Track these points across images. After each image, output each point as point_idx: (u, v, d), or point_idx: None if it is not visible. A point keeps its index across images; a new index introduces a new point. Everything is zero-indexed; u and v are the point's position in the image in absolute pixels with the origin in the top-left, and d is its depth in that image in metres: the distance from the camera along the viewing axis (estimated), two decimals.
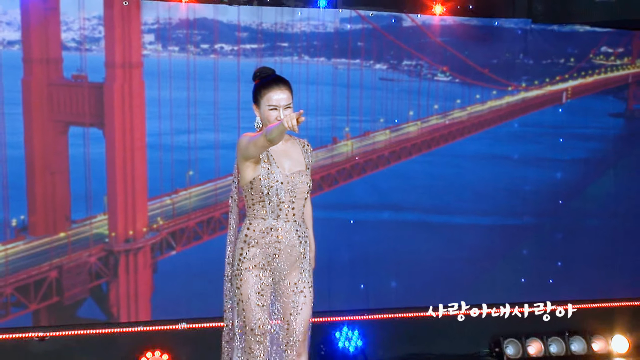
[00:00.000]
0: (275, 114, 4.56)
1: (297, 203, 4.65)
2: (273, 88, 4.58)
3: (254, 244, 4.62)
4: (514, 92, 7.68)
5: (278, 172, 4.57)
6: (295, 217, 4.65)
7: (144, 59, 6.70)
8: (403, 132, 7.44)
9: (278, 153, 4.66)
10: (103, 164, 6.68)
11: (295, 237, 4.66)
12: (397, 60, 7.38)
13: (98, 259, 6.71)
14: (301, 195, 4.65)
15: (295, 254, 4.70)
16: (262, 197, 4.58)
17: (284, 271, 4.67)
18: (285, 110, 4.59)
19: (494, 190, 7.60)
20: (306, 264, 4.75)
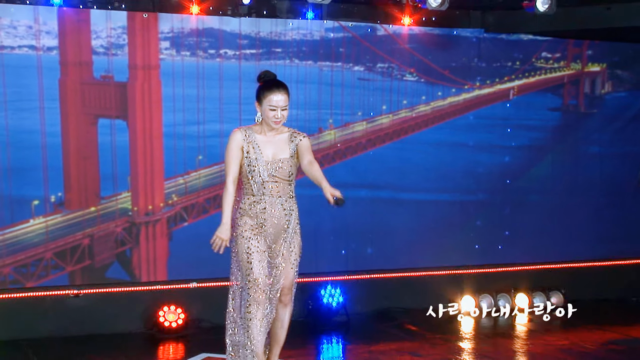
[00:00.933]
0: (273, 113, 4.71)
1: (281, 183, 4.75)
2: (274, 91, 4.71)
3: (245, 214, 4.77)
4: (470, 90, 7.75)
5: (261, 158, 4.71)
6: (280, 194, 4.76)
7: (160, 62, 6.72)
8: (377, 123, 7.44)
9: (263, 143, 4.77)
10: (127, 150, 6.69)
11: (280, 210, 4.77)
12: (372, 64, 7.44)
13: (123, 229, 6.72)
14: (284, 176, 4.75)
15: (282, 224, 4.77)
16: (249, 178, 4.73)
17: (271, 237, 4.75)
18: (283, 111, 4.72)
19: (453, 171, 7.64)
20: (291, 232, 4.81)
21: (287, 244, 4.82)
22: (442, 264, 7.59)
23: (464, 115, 7.67)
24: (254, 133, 4.80)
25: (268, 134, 4.78)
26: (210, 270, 6.67)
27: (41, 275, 6.51)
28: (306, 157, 4.81)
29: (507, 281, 7.71)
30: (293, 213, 4.85)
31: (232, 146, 4.78)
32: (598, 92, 8.11)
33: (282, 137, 4.83)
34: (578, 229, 8.04)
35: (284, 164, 4.76)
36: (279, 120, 4.75)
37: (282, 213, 4.80)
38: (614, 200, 8.11)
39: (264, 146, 4.77)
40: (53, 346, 6.32)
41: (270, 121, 4.75)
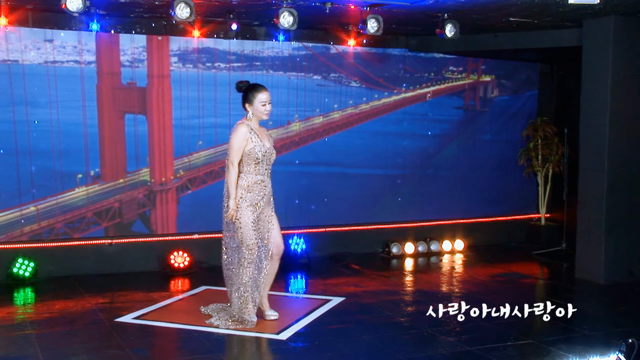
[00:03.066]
0: (264, 108, 4.69)
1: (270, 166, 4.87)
2: (263, 90, 4.74)
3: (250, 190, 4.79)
4: (398, 94, 7.73)
5: (262, 145, 4.78)
6: (270, 174, 4.87)
7: (171, 72, 6.73)
8: (330, 118, 7.44)
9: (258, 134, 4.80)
10: (146, 137, 6.67)
11: (270, 187, 4.90)
12: (327, 74, 7.38)
13: (144, 195, 6.71)
14: (272, 160, 4.85)
15: (269, 197, 4.91)
16: (256, 161, 4.71)
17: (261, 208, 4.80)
18: (269, 105, 4.73)
19: (386, 152, 7.70)
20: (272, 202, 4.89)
21: (274, 212, 4.87)
22: (376, 220, 7.66)
23: (394, 112, 7.72)
24: (252, 127, 4.78)
25: (256, 127, 4.81)
26: (208, 225, 6.68)
27: (84, 230, 6.53)
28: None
29: (425, 232, 7.81)
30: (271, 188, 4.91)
31: (241, 137, 4.67)
32: (489, 96, 8.20)
33: (263, 130, 4.87)
34: (474, 194, 8.11)
35: (273, 151, 4.82)
36: (269, 111, 4.73)
37: (271, 189, 4.89)
38: (500, 174, 8.21)
39: (260, 137, 4.77)
40: (93, 280, 6.35)
41: (263, 114, 4.70)
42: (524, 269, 6.88)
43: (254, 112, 4.73)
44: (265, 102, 4.69)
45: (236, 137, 4.71)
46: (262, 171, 4.72)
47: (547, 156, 7.85)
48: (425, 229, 7.81)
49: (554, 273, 6.84)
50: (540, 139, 7.81)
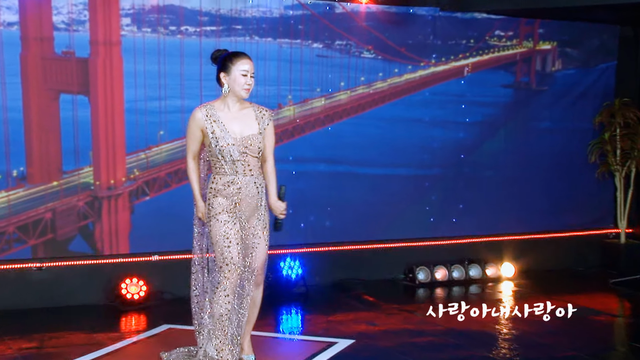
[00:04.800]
0: (244, 79, 4.55)
1: (251, 160, 4.67)
2: (244, 58, 4.59)
3: (219, 194, 4.57)
4: (425, 67, 7.75)
5: (228, 135, 4.60)
6: (252, 172, 4.66)
7: (122, 38, 6.68)
8: (335, 100, 7.47)
9: (229, 119, 4.63)
10: (88, 125, 6.64)
11: (254, 189, 4.69)
12: (330, 41, 7.39)
13: (85, 203, 6.69)
14: (253, 153, 4.65)
15: (254, 202, 4.72)
16: (219, 157, 4.62)
17: (245, 216, 4.67)
18: (250, 78, 4.58)
19: (408, 146, 7.72)
20: (262, 210, 4.74)
21: (261, 222, 4.76)
22: (397, 236, 7.68)
23: (419, 92, 7.72)
24: (216, 111, 4.66)
25: (232, 109, 4.64)
26: (171, 243, 6.76)
27: (4, 249, 6.48)
28: (269, 143, 4.73)
29: (461, 253, 7.84)
30: (263, 190, 4.79)
31: (192, 127, 4.65)
32: (549, 70, 8.20)
33: (247, 112, 4.69)
34: (528, 202, 8.14)
35: (253, 141, 4.66)
36: (249, 86, 4.60)
37: (255, 191, 4.72)
38: (563, 175, 8.23)
39: (229, 123, 4.64)
40: (16, 317, 6.30)
41: (242, 88, 4.57)
42: (597, 302, 6.88)
43: (231, 84, 4.61)
44: (247, 72, 4.59)
45: (188, 125, 4.72)
46: (230, 169, 4.63)
47: (628, 151, 7.87)
48: (462, 249, 7.86)
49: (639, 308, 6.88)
50: (619, 127, 7.83)
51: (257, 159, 4.74)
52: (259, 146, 4.71)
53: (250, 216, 4.72)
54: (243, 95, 4.66)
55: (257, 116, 4.75)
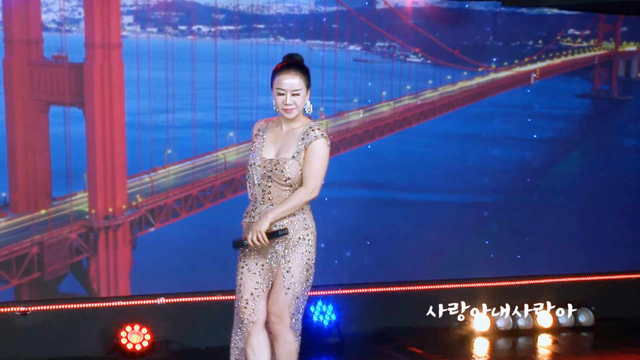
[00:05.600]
0: (282, 98, 4.54)
1: (276, 189, 4.59)
2: (282, 72, 4.56)
3: (245, 225, 4.69)
4: (484, 73, 7.78)
5: (258, 155, 4.60)
6: (273, 202, 4.59)
7: (123, 39, 6.70)
8: (376, 112, 7.51)
9: (273, 138, 4.65)
10: (83, 143, 6.68)
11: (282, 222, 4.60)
12: (370, 42, 7.44)
13: (78, 236, 6.71)
14: (280, 180, 4.56)
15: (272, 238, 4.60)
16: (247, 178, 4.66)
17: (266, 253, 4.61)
18: (295, 97, 4.55)
19: (464, 168, 7.67)
20: (287, 248, 4.63)
21: (284, 261, 4.66)
22: (450, 276, 7.63)
23: (477, 103, 7.72)
24: (272, 126, 4.71)
25: (284, 128, 4.66)
26: (181, 283, 6.81)
27: None
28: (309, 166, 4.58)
29: (527, 296, 7.76)
30: (292, 225, 4.66)
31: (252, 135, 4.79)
32: (634, 76, 8.17)
33: (297, 132, 4.67)
34: (610, 236, 8.08)
35: (280, 165, 4.59)
36: (289, 107, 4.59)
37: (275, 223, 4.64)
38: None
39: (271, 141, 4.66)
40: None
41: (281, 109, 4.61)
42: None
43: (275, 105, 4.66)
44: (284, 91, 4.55)
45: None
46: (252, 195, 4.66)
47: None
48: (530, 291, 7.76)
49: None
50: None
51: (285, 189, 4.62)
52: (288, 174, 4.59)
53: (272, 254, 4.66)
54: (285, 116, 4.62)
55: (301, 136, 4.63)
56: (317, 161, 4.62)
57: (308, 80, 4.67)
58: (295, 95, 4.59)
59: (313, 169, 4.62)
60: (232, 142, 7.05)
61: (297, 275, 4.65)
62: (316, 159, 4.62)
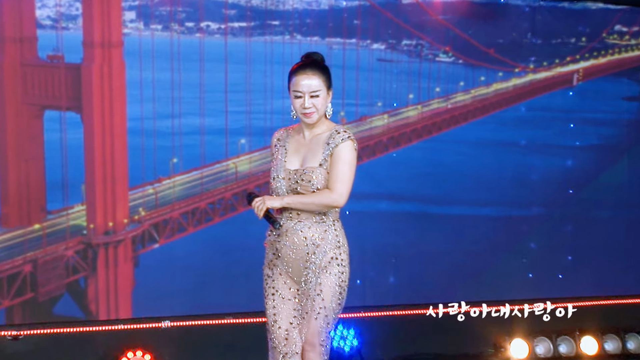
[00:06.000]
0: (300, 101, 4.45)
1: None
2: (299, 72, 4.48)
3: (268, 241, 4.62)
4: (521, 74, 7.73)
5: (281, 166, 4.54)
6: (302, 217, 4.52)
7: (124, 38, 6.74)
8: (402, 117, 7.48)
9: (295, 147, 4.60)
10: (81, 151, 6.70)
11: (300, 239, 4.53)
12: (395, 40, 7.41)
13: (75, 252, 6.73)
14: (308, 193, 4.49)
15: (301, 257, 4.56)
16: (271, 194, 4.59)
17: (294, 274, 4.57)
18: (312, 99, 4.44)
19: (499, 178, 7.66)
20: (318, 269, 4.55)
21: (314, 284, 4.57)
22: (484, 297, 7.52)
23: (513, 107, 7.71)
24: (292, 134, 4.64)
25: (307, 135, 4.56)
26: (188, 305, 6.85)
27: None
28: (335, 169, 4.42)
29: (570, 320, 7.63)
30: (322, 243, 4.56)
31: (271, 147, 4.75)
32: None
33: (321, 137, 4.58)
34: None
35: (307, 176, 4.51)
36: (309, 111, 4.50)
37: (303, 242, 4.55)
38: None
39: (294, 151, 4.61)
40: None
41: (300, 114, 4.52)
42: None
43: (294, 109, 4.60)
44: (301, 93, 4.45)
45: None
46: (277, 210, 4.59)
47: None
48: (572, 314, 7.57)
49: None
50: None
51: None
52: (317, 184, 4.50)
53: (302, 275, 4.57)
54: (305, 121, 4.53)
55: (327, 141, 4.56)
56: (343, 165, 4.51)
57: (329, 81, 4.56)
58: (314, 97, 4.48)
59: (339, 173, 4.52)
60: (243, 150, 7.05)
61: (328, 298, 4.53)
62: (342, 163, 4.51)
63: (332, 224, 4.58)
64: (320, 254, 4.51)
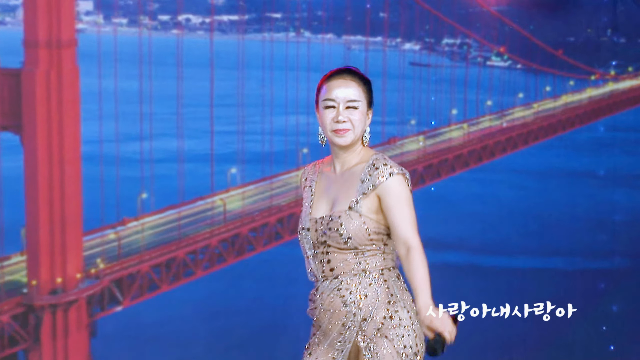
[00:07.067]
0: (332, 115, 4.16)
1: (336, 255, 4.22)
2: (334, 77, 4.23)
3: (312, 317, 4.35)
4: (599, 83, 7.64)
5: (307, 217, 4.22)
6: (337, 274, 4.20)
7: (78, 35, 6.69)
8: (443, 139, 7.43)
9: (325, 187, 4.27)
10: (20, 183, 6.64)
11: (337, 300, 4.22)
12: (434, 38, 7.38)
13: (12, 318, 6.61)
14: (337, 243, 4.20)
15: (342, 322, 4.28)
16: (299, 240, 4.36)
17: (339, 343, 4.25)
18: (347, 111, 4.18)
19: (571, 220, 7.59)
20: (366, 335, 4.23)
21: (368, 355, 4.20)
22: None
23: (589, 126, 7.66)
24: (323, 169, 4.29)
25: (337, 168, 4.21)
26: None
27: None
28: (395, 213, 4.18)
29: None
30: (367, 303, 4.18)
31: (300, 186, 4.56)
32: None
33: (356, 170, 4.22)
34: None
35: (334, 222, 4.12)
36: (342, 126, 4.16)
37: (340, 302, 4.18)
38: None
39: (322, 192, 4.21)
40: None
41: (330, 131, 4.22)
42: None
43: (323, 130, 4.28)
44: (335, 102, 4.16)
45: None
46: (310, 269, 4.25)
47: None
48: None
49: None
50: None
51: (349, 255, 4.20)
52: (347, 232, 4.11)
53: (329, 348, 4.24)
54: (336, 142, 4.18)
55: (362, 177, 4.16)
56: (399, 205, 4.19)
57: (370, 96, 4.22)
58: (351, 108, 4.14)
59: (401, 216, 4.19)
60: (235, 183, 7.04)
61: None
62: (397, 203, 4.19)
63: (380, 274, 4.25)
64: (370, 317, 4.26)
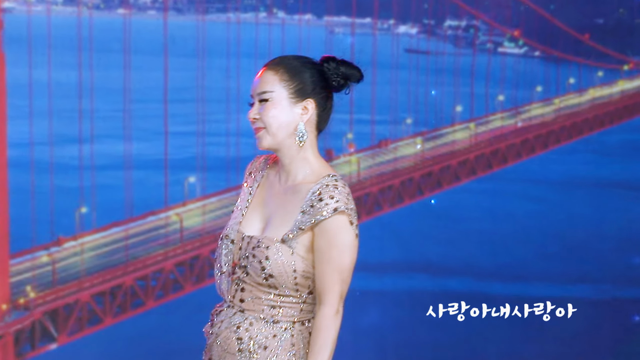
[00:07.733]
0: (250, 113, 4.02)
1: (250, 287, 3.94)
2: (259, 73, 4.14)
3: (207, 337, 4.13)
4: (633, 74, 7.57)
5: (236, 225, 3.92)
6: (244, 307, 3.91)
7: (3, 16, 6.78)
8: (445, 142, 7.39)
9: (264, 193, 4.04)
10: None
11: (233, 343, 3.98)
12: (434, 20, 7.32)
13: None
14: (257, 277, 3.89)
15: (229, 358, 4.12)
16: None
17: None
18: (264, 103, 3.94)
19: (599, 239, 7.75)
20: None
21: None
22: None
23: (621, 126, 7.68)
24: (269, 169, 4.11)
25: (282, 178, 3.94)
26: None
27: None
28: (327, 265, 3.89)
29: None
30: (263, 356, 3.96)
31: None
32: None
33: (302, 190, 3.93)
34: None
35: (260, 251, 3.85)
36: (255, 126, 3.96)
37: (235, 345, 3.96)
38: None
39: (261, 200, 4.08)
40: None
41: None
42: None
43: None
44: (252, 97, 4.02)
45: None
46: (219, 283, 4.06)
47: None
48: None
49: None
50: None
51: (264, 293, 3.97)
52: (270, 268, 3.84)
53: None
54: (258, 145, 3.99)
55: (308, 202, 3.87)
56: (331, 253, 3.92)
57: (297, 81, 3.88)
58: (263, 101, 3.85)
59: (326, 266, 3.90)
60: (193, 195, 7.18)
61: None
62: (329, 249, 3.92)
63: (290, 327, 3.96)
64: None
